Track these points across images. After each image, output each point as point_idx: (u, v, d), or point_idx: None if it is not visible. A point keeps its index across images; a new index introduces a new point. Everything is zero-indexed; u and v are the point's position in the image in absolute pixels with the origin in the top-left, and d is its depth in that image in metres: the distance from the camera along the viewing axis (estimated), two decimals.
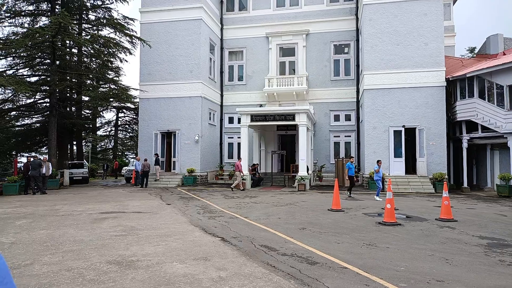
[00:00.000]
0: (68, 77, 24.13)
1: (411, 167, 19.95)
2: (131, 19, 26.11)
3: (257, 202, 13.34)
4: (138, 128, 24.90)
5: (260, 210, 11.25)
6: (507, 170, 17.61)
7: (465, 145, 19.15)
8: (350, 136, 23.71)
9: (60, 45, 22.15)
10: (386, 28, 19.81)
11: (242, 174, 18.72)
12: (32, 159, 17.76)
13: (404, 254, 6.07)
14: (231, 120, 25.61)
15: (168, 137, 23.11)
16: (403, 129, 19.40)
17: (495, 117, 17.55)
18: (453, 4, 26.59)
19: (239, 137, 21.35)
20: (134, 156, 36.77)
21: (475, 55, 30.75)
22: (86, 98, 27.34)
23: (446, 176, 18.42)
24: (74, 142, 31.50)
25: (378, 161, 14.45)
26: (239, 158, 20.39)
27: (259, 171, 22.02)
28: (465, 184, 19.16)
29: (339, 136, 23.88)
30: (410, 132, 19.58)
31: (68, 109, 27.84)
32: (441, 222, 9.18)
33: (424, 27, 19.38)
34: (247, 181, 19.37)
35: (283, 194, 16.35)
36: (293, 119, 19.15)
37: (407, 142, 19.64)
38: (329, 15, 24.10)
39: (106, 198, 15.23)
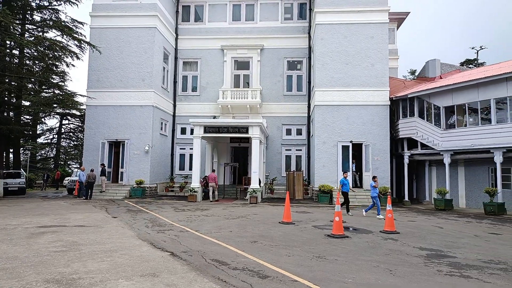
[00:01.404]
0: (7, 80, 22.43)
1: (358, 181, 20.79)
2: (81, 23, 24.96)
3: (208, 215, 13.15)
4: (83, 136, 23.65)
5: (211, 223, 11.09)
6: (443, 185, 18.98)
7: (406, 161, 20.40)
8: (301, 150, 24.30)
9: None
10: (336, 48, 20.76)
11: (214, 186, 19.35)
12: None
13: (352, 266, 6.27)
14: (183, 131, 25.20)
15: (116, 147, 22.18)
16: (350, 145, 20.26)
17: (433, 135, 18.93)
18: (397, 29, 28.58)
19: (191, 148, 21.04)
20: (78, 166, 34.81)
21: (416, 78, 33.10)
22: (27, 103, 25.52)
23: (389, 190, 19.44)
24: (11, 150, 29.15)
25: (374, 177, 13.96)
26: (212, 170, 21.41)
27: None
28: (406, 198, 20.34)
29: (290, 150, 24.39)
30: (357, 148, 20.49)
31: (5, 114, 25.79)
32: (385, 234, 9.63)
33: (371, 49, 20.57)
34: (198, 193, 19.07)
35: (235, 207, 16.28)
36: (247, 132, 19.28)
37: (354, 157, 20.53)
38: (284, 32, 24.80)
39: (45, 210, 14.20)
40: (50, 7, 24.98)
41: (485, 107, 17.17)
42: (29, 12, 25.02)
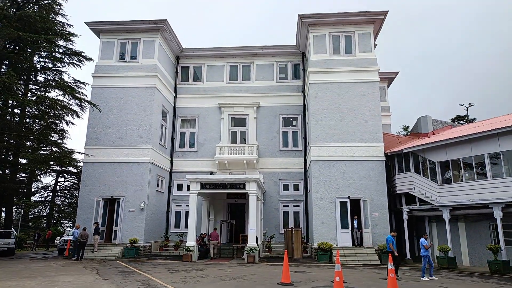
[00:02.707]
0: (5, 138, 22.68)
1: (359, 239, 20.27)
2: (83, 83, 25.85)
3: (203, 276, 12.62)
4: (78, 193, 23.37)
5: (206, 285, 10.60)
6: (445, 242, 18.54)
7: (405, 216, 20.11)
8: (299, 205, 23.99)
9: (1, 105, 21.12)
10: (330, 105, 21.40)
11: (215, 244, 19.70)
12: None
13: None
14: (180, 187, 25.02)
15: (111, 204, 21.84)
16: (348, 200, 20.08)
17: (430, 190, 18.88)
18: (388, 88, 29.76)
19: (188, 205, 20.73)
20: (71, 225, 33.98)
21: (409, 133, 33.78)
22: (24, 161, 25.56)
23: None
24: (3, 209, 28.59)
25: (424, 234, 13.62)
26: (214, 229, 21.38)
27: (207, 242, 21.18)
28: (408, 256, 19.74)
29: (288, 206, 24.07)
30: (355, 203, 20.27)
31: (1, 172, 25.71)
32: None
33: (363, 106, 21.21)
34: (193, 252, 18.45)
35: (231, 267, 15.67)
36: (244, 188, 19.15)
37: (352, 213, 20.23)
38: (279, 91, 25.70)
39: (33, 272, 13.59)
40: (54, 68, 26.04)
41: (479, 162, 17.35)
42: (33, 73, 26.03)
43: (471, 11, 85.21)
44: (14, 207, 31.28)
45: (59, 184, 38.60)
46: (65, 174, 37.07)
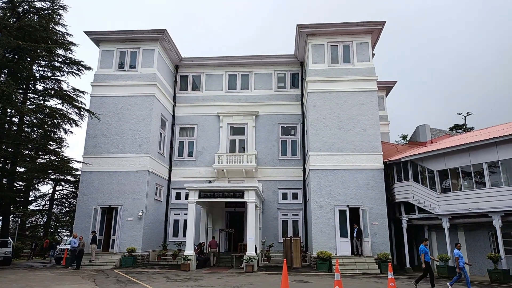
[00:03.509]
0: (3, 146, 22.62)
1: (359, 248, 20.13)
2: (82, 92, 25.82)
3: (202, 286, 12.50)
4: (76, 202, 23.24)
5: None
6: (444, 251, 18.46)
7: (404, 225, 20.05)
8: (297, 214, 23.91)
9: (0, 114, 21.11)
10: (328, 114, 21.46)
11: (215, 252, 20.11)
12: None
13: None
14: (178, 196, 24.92)
15: (108, 213, 21.72)
16: (347, 209, 20.01)
17: (429, 199, 18.85)
18: (386, 97, 29.91)
19: (186, 214, 20.63)
20: (69, 234, 33.72)
21: (407, 142, 33.84)
22: (21, 169, 25.45)
23: (390, 257, 18.81)
24: (0, 217, 28.36)
25: (457, 244, 12.95)
26: (212, 237, 21.86)
27: (205, 251, 21.04)
28: (408, 265, 19.63)
29: (287, 214, 23.97)
30: (355, 212, 20.21)
31: None
32: None
33: (362, 115, 21.28)
34: (192, 261, 18.31)
35: (230, 276, 15.54)
36: (242, 196, 19.10)
37: (351, 222, 20.14)
38: (277, 100, 25.79)
39: (29, 282, 13.44)
40: (53, 77, 26.09)
41: (478, 171, 17.37)
42: (32, 82, 26.06)
43: (470, 18, 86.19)
44: (11, 215, 31.06)
45: (56, 192, 38.34)
46: (63, 183, 36.81)
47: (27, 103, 24.79)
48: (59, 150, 29.11)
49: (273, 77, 26.29)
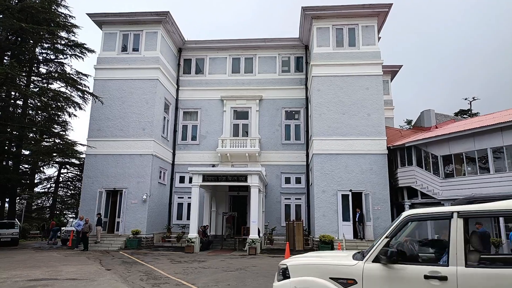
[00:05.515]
0: (8, 129, 22.74)
1: (362, 232, 20.29)
2: (85, 75, 25.81)
3: (205, 267, 12.71)
4: (81, 185, 23.50)
5: (208, 276, 10.69)
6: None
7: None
8: (300, 198, 24.05)
9: (4, 96, 21.16)
10: (332, 99, 21.31)
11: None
12: None
13: None
14: (182, 180, 25.09)
15: (113, 196, 21.95)
16: (350, 193, 20.09)
17: (432, 184, 18.87)
18: (391, 81, 29.60)
19: (190, 197, 20.80)
20: (74, 216, 34.15)
21: (412, 127, 33.68)
22: (27, 152, 25.66)
23: None
24: (7, 199, 28.77)
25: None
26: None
27: (208, 234, 21.30)
28: None
29: (290, 199, 24.13)
30: (357, 197, 20.28)
31: (4, 163, 25.82)
32: None
33: (366, 100, 21.11)
34: (196, 244, 18.57)
35: (233, 258, 15.78)
36: (246, 180, 19.20)
37: (354, 207, 20.25)
38: (281, 84, 25.60)
39: (37, 262, 13.73)
40: (56, 60, 26.00)
41: (482, 156, 17.30)
42: (35, 64, 26.00)
43: (476, 2, 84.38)
44: (18, 198, 31.51)
45: (62, 175, 38.74)
46: (67, 166, 37.17)
47: (31, 86, 24.80)
48: (64, 133, 29.25)
49: (277, 60, 26.03)
